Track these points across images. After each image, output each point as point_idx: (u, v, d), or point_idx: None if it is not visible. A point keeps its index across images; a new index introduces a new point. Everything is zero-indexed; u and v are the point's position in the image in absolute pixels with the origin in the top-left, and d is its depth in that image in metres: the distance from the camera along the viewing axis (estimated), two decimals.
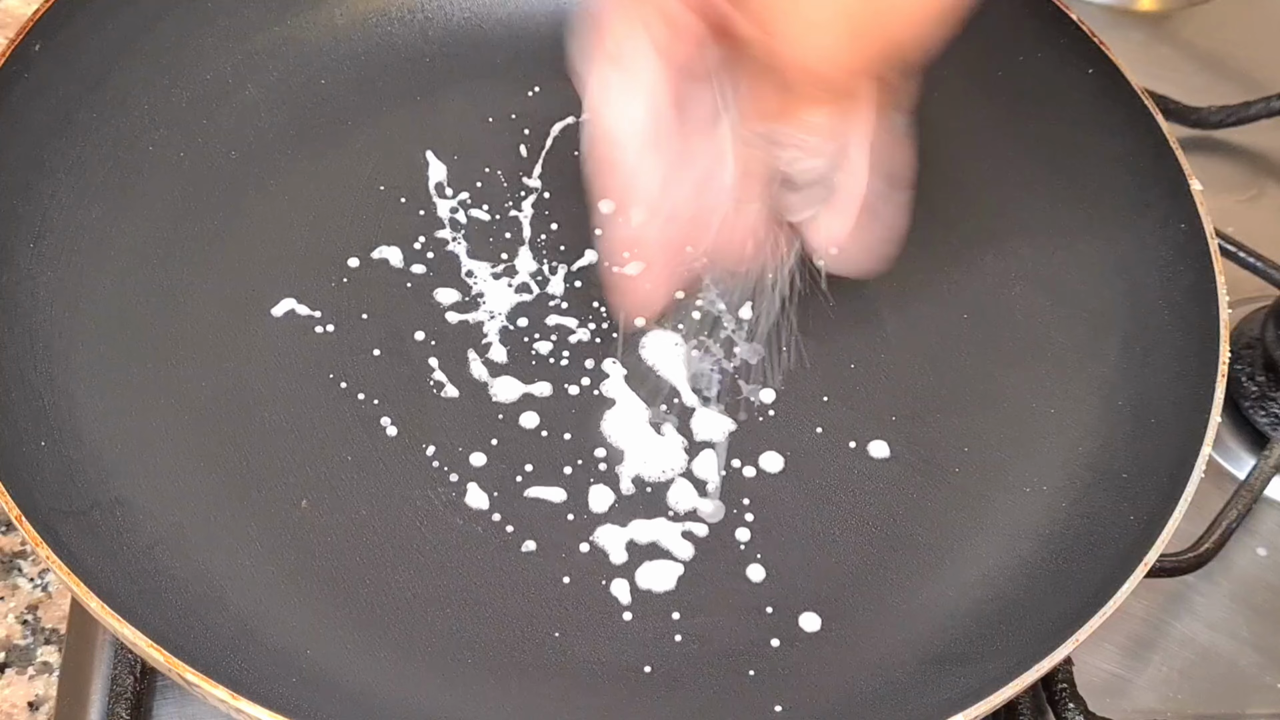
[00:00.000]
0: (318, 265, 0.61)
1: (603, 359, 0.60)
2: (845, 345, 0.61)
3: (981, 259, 0.63)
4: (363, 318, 0.60)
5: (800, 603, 0.54)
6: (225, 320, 0.59)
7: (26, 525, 0.47)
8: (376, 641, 0.52)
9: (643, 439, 0.58)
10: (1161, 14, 0.83)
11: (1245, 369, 0.67)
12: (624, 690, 0.52)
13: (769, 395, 0.60)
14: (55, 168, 0.58)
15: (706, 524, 0.56)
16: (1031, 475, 0.57)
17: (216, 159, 0.63)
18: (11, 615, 0.57)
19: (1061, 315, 0.61)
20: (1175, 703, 0.59)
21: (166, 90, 0.62)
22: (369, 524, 0.55)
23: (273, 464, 0.56)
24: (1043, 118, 0.65)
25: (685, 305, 0.62)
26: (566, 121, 0.67)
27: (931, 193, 0.65)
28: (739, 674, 0.53)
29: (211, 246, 0.61)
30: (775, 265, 0.57)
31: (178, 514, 0.53)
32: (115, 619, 0.46)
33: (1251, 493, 0.62)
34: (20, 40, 0.57)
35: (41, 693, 0.55)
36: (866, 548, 0.56)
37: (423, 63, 0.67)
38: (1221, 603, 0.62)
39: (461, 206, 0.64)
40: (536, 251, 0.63)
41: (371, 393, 0.58)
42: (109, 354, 0.56)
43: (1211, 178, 0.65)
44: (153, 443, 0.55)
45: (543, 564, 0.55)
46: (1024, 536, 0.56)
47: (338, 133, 0.65)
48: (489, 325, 0.61)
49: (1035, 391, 0.59)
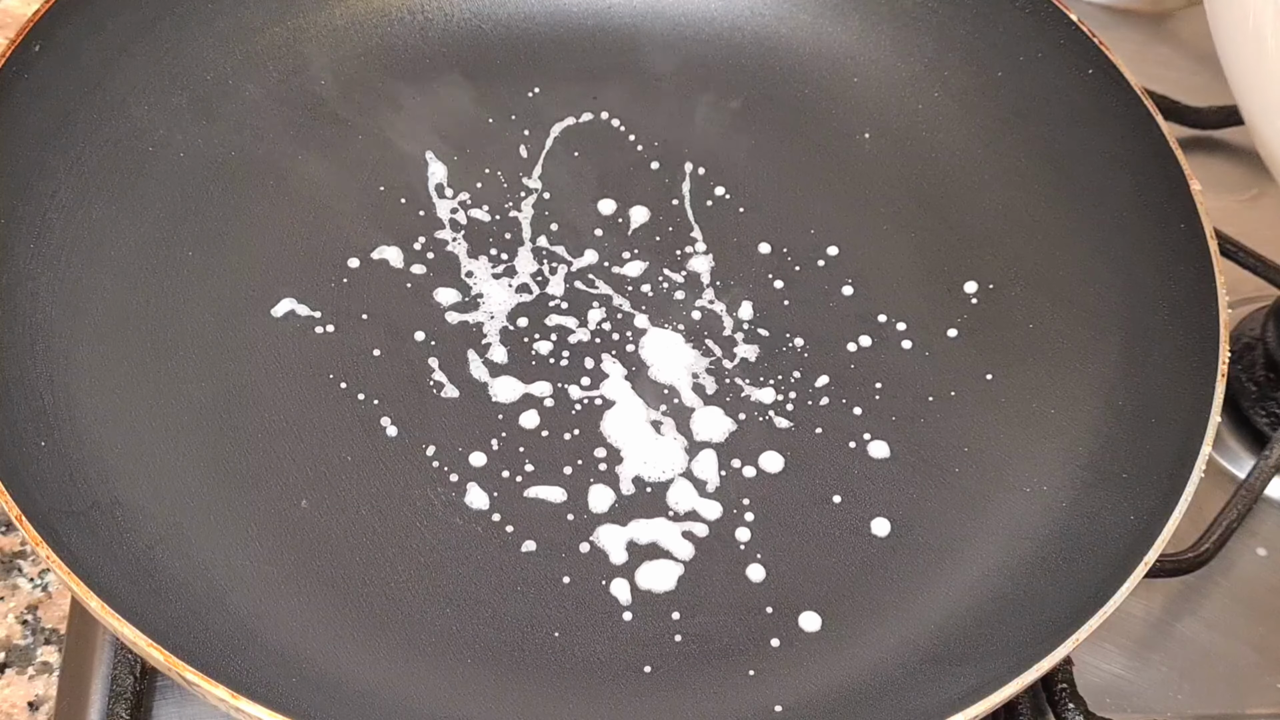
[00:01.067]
0: (318, 265, 0.61)
1: (602, 359, 0.60)
2: (845, 345, 0.61)
3: (981, 259, 0.63)
4: (363, 318, 0.60)
5: (800, 603, 0.54)
6: (225, 320, 0.59)
7: (26, 525, 0.47)
8: (377, 641, 0.52)
9: (643, 439, 0.58)
10: (1161, 14, 0.83)
11: (1245, 369, 0.67)
12: (624, 690, 0.52)
13: (769, 395, 0.60)
14: (55, 168, 0.58)
15: (706, 524, 0.56)
16: (1031, 475, 0.57)
17: (216, 160, 0.63)
18: (11, 615, 0.57)
19: (1061, 315, 0.61)
20: (1175, 703, 0.59)
21: (166, 91, 0.62)
22: (369, 524, 0.55)
23: (273, 464, 0.56)
24: (1043, 118, 0.64)
25: (685, 305, 0.62)
26: (566, 123, 0.67)
27: (931, 193, 0.66)
28: (739, 674, 0.53)
29: (211, 247, 0.61)
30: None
31: (178, 514, 0.53)
32: (115, 618, 0.46)
33: (1251, 493, 0.62)
34: (20, 41, 0.57)
35: (41, 693, 0.55)
36: (866, 548, 0.56)
37: (423, 63, 0.67)
38: (1221, 603, 0.61)
39: (461, 207, 0.64)
40: (536, 252, 0.63)
41: (371, 393, 0.58)
42: (109, 354, 0.56)
43: (1211, 178, 0.65)
44: (153, 443, 0.55)
45: (543, 564, 0.55)
46: (1024, 536, 0.56)
47: (338, 133, 0.65)
48: (489, 325, 0.61)
49: (1035, 391, 0.59)
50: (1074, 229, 0.62)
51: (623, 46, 0.69)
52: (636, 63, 0.69)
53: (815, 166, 0.67)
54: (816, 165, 0.67)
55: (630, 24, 0.69)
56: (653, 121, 0.67)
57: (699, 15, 0.69)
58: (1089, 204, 0.62)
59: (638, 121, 0.67)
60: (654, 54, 0.69)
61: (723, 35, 0.69)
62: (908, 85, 0.67)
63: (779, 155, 0.67)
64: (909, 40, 0.68)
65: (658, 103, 0.68)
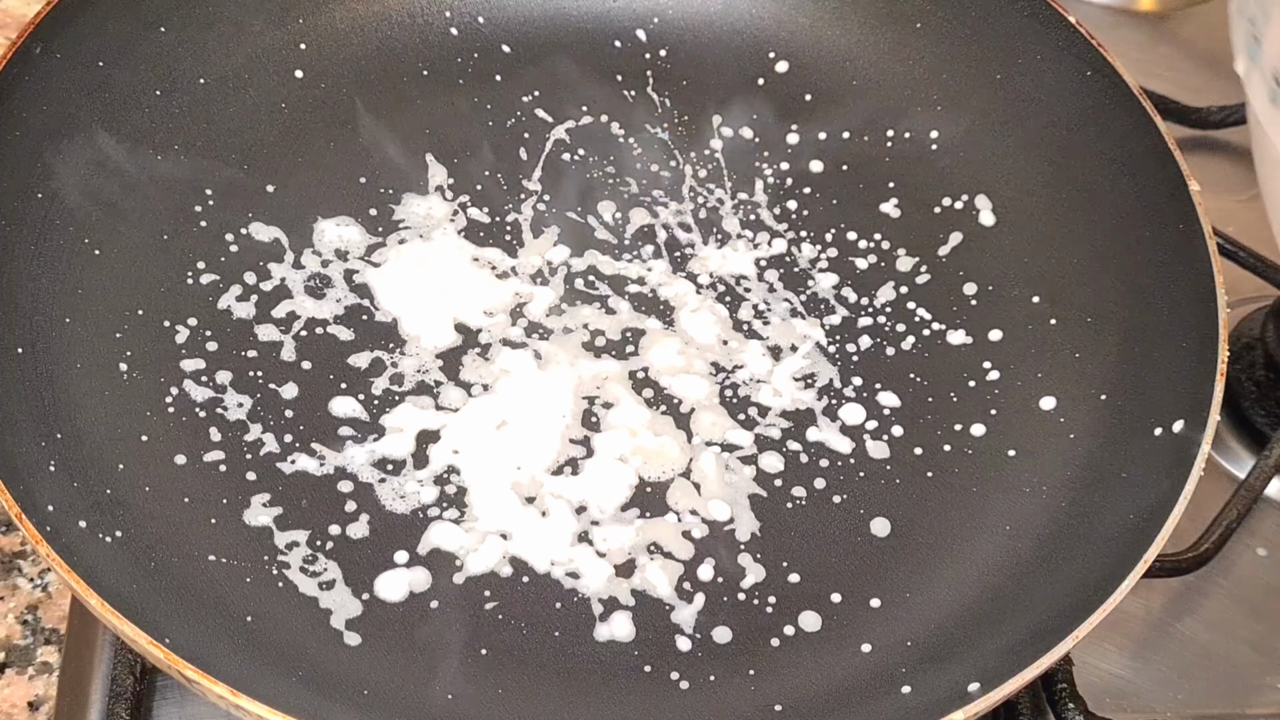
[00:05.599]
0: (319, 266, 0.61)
1: (602, 358, 0.60)
2: (845, 346, 0.61)
3: (981, 259, 0.63)
4: (363, 319, 0.60)
5: (800, 603, 0.54)
6: (226, 321, 0.59)
7: (27, 525, 0.47)
8: (376, 641, 0.52)
9: (643, 440, 0.58)
10: (1161, 14, 0.83)
11: (1245, 369, 0.67)
12: (624, 690, 0.52)
13: (769, 397, 0.60)
14: (55, 168, 0.58)
15: (706, 524, 0.56)
16: (1031, 475, 0.57)
17: (217, 161, 0.63)
18: (11, 615, 0.57)
19: (1061, 315, 0.61)
20: (1175, 703, 0.59)
21: (167, 93, 0.62)
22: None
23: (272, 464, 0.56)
24: (1042, 119, 0.65)
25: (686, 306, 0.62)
26: (567, 125, 0.67)
27: (931, 194, 0.66)
28: (739, 674, 0.53)
29: (211, 248, 0.61)
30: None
31: (178, 514, 0.53)
32: (115, 616, 0.46)
33: (1251, 493, 0.62)
34: (21, 42, 0.57)
35: (41, 693, 0.55)
36: (866, 548, 0.56)
37: (422, 66, 0.67)
38: (1221, 603, 0.61)
39: (461, 209, 0.64)
40: (537, 252, 0.63)
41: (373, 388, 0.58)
42: (109, 354, 0.56)
43: (1211, 178, 0.65)
44: (153, 443, 0.55)
45: (543, 565, 0.55)
46: (1024, 536, 0.56)
47: (338, 136, 0.65)
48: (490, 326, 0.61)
49: (1035, 391, 0.59)
50: (1074, 229, 0.62)
51: (622, 50, 0.69)
52: (636, 66, 0.69)
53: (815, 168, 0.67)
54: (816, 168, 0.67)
55: (630, 27, 0.69)
56: (652, 124, 0.67)
57: (699, 18, 0.69)
58: (1089, 204, 0.62)
59: (637, 125, 0.67)
60: (654, 57, 0.69)
61: (722, 38, 0.69)
62: (907, 87, 0.67)
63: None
64: (908, 42, 0.68)
65: (657, 106, 0.68)
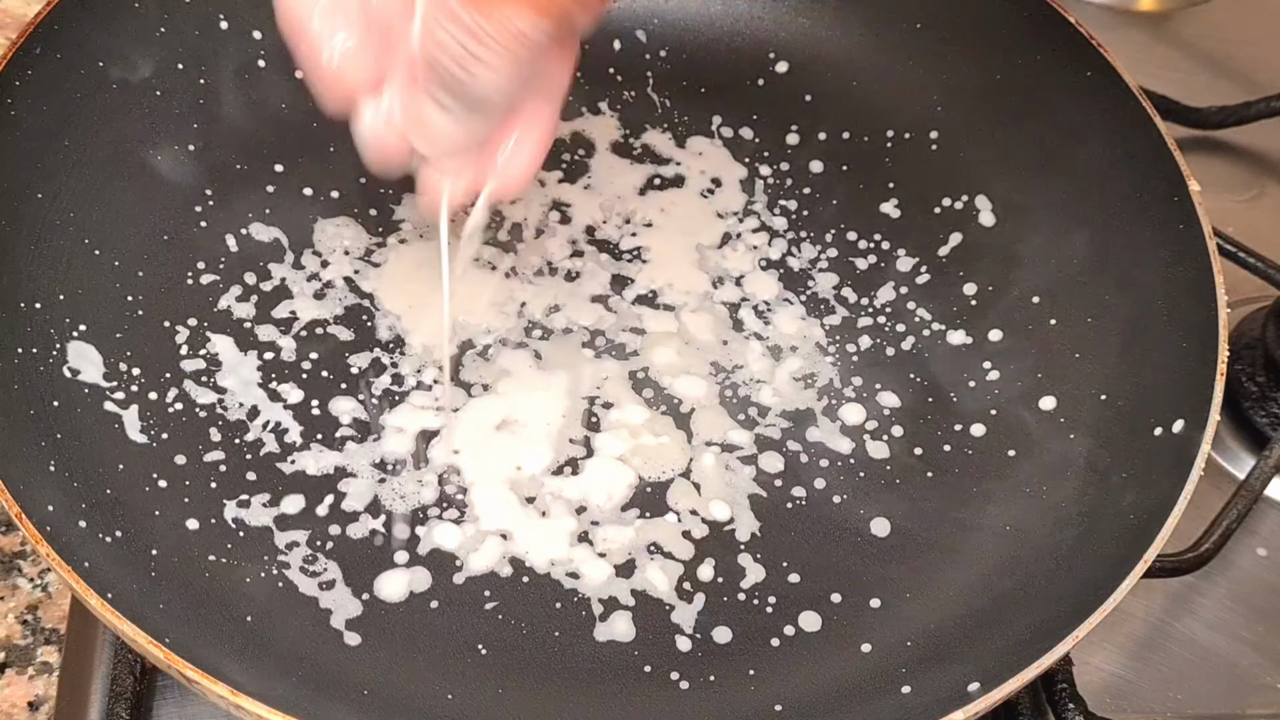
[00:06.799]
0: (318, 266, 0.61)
1: (603, 358, 0.60)
2: (845, 348, 0.61)
3: (981, 259, 0.63)
4: (364, 319, 0.60)
5: (800, 603, 0.54)
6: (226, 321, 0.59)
7: (27, 525, 0.47)
8: (376, 640, 0.52)
9: (643, 440, 0.58)
10: (1161, 14, 0.83)
11: (1245, 369, 0.67)
12: (624, 690, 0.52)
13: (769, 398, 0.60)
14: (55, 168, 0.58)
15: (706, 524, 0.56)
16: (1031, 475, 0.57)
17: (217, 161, 0.63)
18: (11, 615, 0.57)
19: (1061, 315, 0.61)
20: (1175, 703, 0.59)
21: (167, 92, 0.62)
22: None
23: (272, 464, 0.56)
24: (1042, 119, 0.65)
25: (685, 307, 0.62)
26: (566, 127, 0.67)
27: (931, 195, 0.66)
28: (739, 674, 0.53)
29: (212, 248, 0.61)
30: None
31: (178, 514, 0.53)
32: (115, 616, 0.46)
33: (1251, 493, 0.62)
34: (21, 42, 0.57)
35: (41, 693, 0.55)
36: (866, 548, 0.56)
37: None
38: (1221, 603, 0.61)
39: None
40: (537, 252, 0.63)
41: (374, 388, 0.58)
42: (109, 354, 0.56)
43: (1211, 178, 0.65)
44: (152, 442, 0.55)
45: (543, 565, 0.55)
46: (1024, 536, 0.56)
47: (339, 137, 0.65)
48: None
49: (1035, 392, 0.59)
50: (1074, 229, 0.62)
51: (622, 50, 0.69)
52: (636, 66, 0.69)
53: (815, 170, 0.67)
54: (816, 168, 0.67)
55: (630, 27, 0.69)
56: (653, 127, 0.67)
57: (699, 18, 0.69)
58: (1089, 204, 0.62)
59: (638, 128, 0.67)
60: (654, 57, 0.69)
61: (722, 39, 0.69)
62: (907, 88, 0.67)
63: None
64: (909, 44, 0.68)
65: (657, 106, 0.68)
